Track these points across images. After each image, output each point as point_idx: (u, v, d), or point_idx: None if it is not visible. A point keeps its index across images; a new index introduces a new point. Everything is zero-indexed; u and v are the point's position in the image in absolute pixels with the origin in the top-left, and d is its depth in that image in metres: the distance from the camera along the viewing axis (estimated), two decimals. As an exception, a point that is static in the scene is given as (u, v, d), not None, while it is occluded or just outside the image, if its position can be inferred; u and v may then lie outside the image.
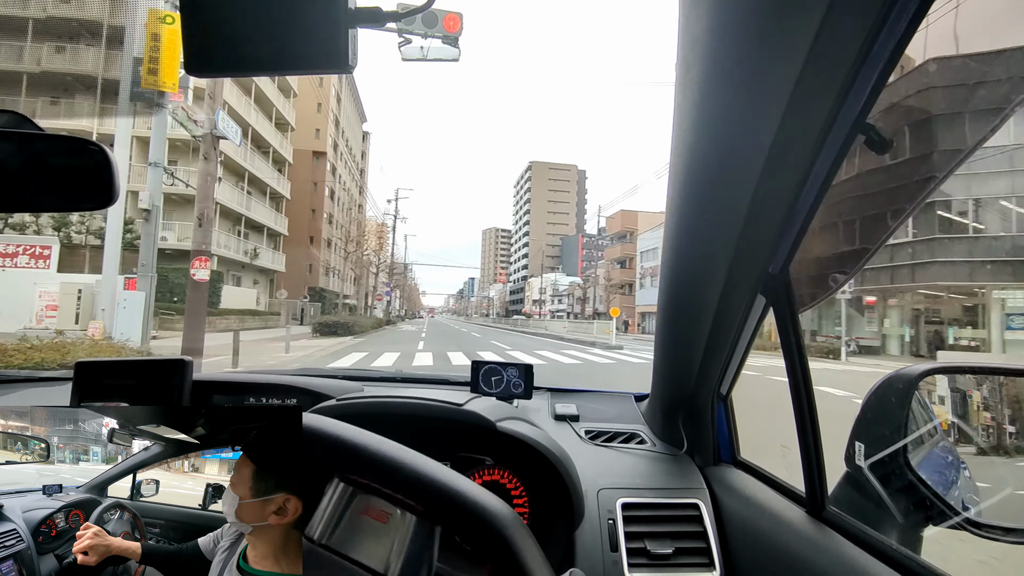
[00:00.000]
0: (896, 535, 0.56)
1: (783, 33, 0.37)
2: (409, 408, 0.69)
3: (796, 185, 0.47)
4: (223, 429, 0.78)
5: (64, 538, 0.70)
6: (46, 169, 0.50)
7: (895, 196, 0.49)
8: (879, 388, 0.62)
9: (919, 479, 0.56)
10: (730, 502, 0.75)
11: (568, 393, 1.28)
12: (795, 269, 0.57)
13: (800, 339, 0.57)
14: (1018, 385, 0.63)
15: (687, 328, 0.73)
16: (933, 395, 0.62)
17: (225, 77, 0.79)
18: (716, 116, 0.48)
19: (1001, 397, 0.61)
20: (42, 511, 0.67)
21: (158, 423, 0.66)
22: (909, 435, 0.58)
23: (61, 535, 0.69)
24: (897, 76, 0.38)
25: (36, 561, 0.63)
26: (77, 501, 0.72)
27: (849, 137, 0.43)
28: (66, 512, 0.70)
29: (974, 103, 0.47)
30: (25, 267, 14.32)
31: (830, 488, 0.60)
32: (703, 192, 0.56)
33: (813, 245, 0.56)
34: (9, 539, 0.59)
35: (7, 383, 1.20)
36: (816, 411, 0.57)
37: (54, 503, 0.69)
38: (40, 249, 14.49)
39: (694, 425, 0.88)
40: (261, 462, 0.72)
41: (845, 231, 0.56)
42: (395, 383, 1.27)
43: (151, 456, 0.81)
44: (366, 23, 0.43)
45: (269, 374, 1.11)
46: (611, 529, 0.73)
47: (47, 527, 0.66)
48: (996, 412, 0.61)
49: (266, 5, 0.41)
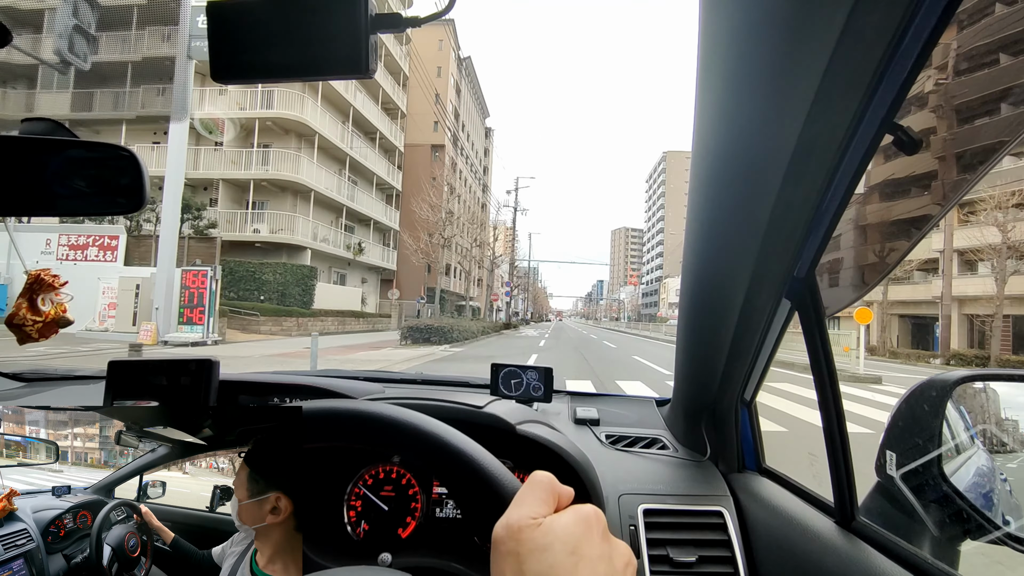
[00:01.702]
0: (931, 548, 0.54)
1: (807, 29, 0.36)
2: (429, 410, 0.70)
3: (822, 187, 0.47)
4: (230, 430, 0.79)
5: (72, 538, 0.71)
6: (80, 174, 0.53)
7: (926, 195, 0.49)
8: (911, 396, 0.61)
9: (955, 491, 0.55)
10: (755, 510, 0.74)
11: (588, 397, 1.28)
12: (821, 272, 0.57)
13: (827, 344, 0.57)
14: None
15: (710, 332, 0.72)
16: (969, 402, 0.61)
17: (250, 83, 0.82)
18: (738, 117, 0.48)
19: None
20: (51, 511, 0.68)
21: (185, 423, 0.68)
22: (943, 444, 0.57)
23: (69, 535, 0.70)
24: (927, 72, 0.38)
25: (45, 560, 0.63)
26: (84, 502, 0.73)
27: (877, 137, 0.43)
28: (74, 513, 0.71)
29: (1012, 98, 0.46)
30: (95, 260, 12.89)
31: (859, 498, 0.58)
32: (726, 194, 0.56)
33: (840, 247, 0.56)
34: (20, 538, 0.60)
35: (45, 380, 1.24)
36: (844, 418, 0.56)
37: (63, 504, 0.71)
38: (108, 239, 13.06)
39: (717, 431, 0.87)
40: (253, 463, 0.73)
41: (874, 233, 0.56)
42: (416, 384, 1.28)
43: (157, 458, 0.82)
44: (386, 29, 0.44)
45: (293, 375, 1.13)
46: (632, 535, 0.72)
47: (56, 527, 0.67)
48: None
49: (291, 14, 0.43)
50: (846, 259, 0.59)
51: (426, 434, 0.42)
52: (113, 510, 0.73)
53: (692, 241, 0.65)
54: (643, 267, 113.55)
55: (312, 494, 0.72)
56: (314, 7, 0.42)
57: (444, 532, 0.76)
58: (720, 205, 0.58)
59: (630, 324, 58.47)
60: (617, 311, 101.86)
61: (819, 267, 0.56)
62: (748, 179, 0.52)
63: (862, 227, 0.55)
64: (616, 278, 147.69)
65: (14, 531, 0.57)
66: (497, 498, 0.37)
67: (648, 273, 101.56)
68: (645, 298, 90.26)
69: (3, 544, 0.55)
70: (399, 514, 0.76)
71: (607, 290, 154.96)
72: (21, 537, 0.58)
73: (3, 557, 0.53)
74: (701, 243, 0.64)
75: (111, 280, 12.09)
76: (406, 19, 0.45)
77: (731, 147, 0.51)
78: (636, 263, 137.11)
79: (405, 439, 0.43)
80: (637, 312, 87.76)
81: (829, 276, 0.59)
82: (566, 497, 0.32)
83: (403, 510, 0.76)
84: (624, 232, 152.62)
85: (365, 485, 0.77)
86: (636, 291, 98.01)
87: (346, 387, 0.98)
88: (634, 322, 64.34)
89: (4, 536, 0.56)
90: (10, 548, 0.55)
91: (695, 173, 0.58)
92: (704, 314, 0.71)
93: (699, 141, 0.55)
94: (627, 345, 17.96)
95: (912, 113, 0.46)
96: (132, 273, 12.30)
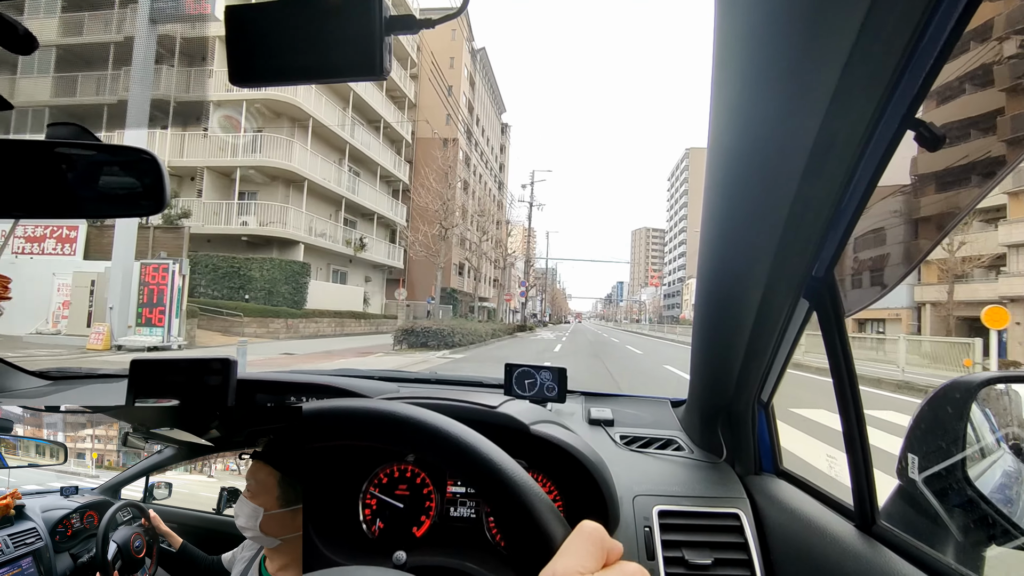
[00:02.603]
0: (954, 554, 0.53)
1: (826, 23, 0.36)
2: (443, 409, 0.70)
3: (841, 185, 0.46)
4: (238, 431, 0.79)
5: (79, 538, 0.71)
6: (103, 177, 0.55)
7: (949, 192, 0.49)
8: (934, 398, 0.61)
9: (980, 495, 0.54)
10: (772, 513, 0.73)
11: (602, 397, 1.28)
12: (841, 271, 0.56)
13: (847, 345, 0.57)
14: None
15: (726, 332, 0.72)
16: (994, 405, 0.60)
17: (267, 86, 0.84)
18: (755, 114, 0.47)
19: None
20: (59, 511, 0.69)
21: (206, 422, 0.68)
22: (968, 447, 0.56)
23: (76, 535, 0.70)
24: (951, 65, 0.38)
25: (53, 559, 0.64)
26: (91, 503, 0.74)
27: (898, 134, 0.42)
28: (81, 513, 0.72)
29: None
30: (53, 253, 11.30)
31: (880, 502, 0.58)
32: (742, 192, 0.56)
33: (860, 246, 0.55)
34: (30, 537, 0.60)
35: (69, 379, 1.27)
36: (864, 420, 0.56)
37: (70, 504, 0.71)
38: (67, 231, 11.44)
39: (734, 432, 0.86)
40: (286, 468, 0.72)
41: (895, 231, 0.55)
42: (430, 384, 1.28)
43: (164, 459, 0.82)
44: (400, 30, 0.45)
45: (309, 374, 1.14)
46: (647, 537, 0.72)
47: (63, 527, 0.67)
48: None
49: (306, 18, 0.44)
50: (866, 258, 0.59)
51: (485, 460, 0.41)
52: (119, 511, 0.73)
53: (708, 240, 0.64)
54: (665, 267, 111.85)
55: (329, 493, 0.72)
56: (329, 10, 0.43)
57: (458, 531, 0.77)
58: (736, 203, 0.58)
59: (652, 326, 57.74)
60: (638, 313, 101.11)
61: (838, 266, 0.56)
62: (765, 177, 0.51)
63: (883, 225, 0.55)
64: (636, 279, 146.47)
65: (23, 530, 0.58)
66: (544, 538, 0.37)
67: (670, 274, 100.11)
68: (667, 299, 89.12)
69: (13, 542, 0.55)
70: (414, 513, 0.76)
71: (627, 291, 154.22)
72: (30, 536, 0.59)
73: (13, 555, 0.54)
74: (717, 242, 0.64)
75: (66, 275, 10.37)
76: (420, 20, 0.46)
77: (748, 144, 0.51)
78: (657, 264, 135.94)
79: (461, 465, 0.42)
80: (659, 314, 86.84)
81: (849, 276, 0.58)
82: (615, 553, 0.32)
83: (418, 509, 0.76)
84: (645, 232, 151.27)
85: (380, 484, 0.78)
86: (657, 292, 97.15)
87: (361, 386, 0.98)
88: (656, 324, 63.29)
89: (14, 535, 0.56)
90: (19, 546, 0.56)
91: (711, 171, 0.58)
92: (720, 314, 0.71)
93: (715, 138, 0.54)
94: (654, 351, 15.91)
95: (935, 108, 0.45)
96: (88, 268, 10.51)
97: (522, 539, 0.37)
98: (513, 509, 0.38)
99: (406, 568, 0.67)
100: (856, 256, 0.58)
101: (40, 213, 0.55)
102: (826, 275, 0.57)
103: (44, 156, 0.51)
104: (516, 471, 0.41)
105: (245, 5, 0.45)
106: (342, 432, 0.44)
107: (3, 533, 0.55)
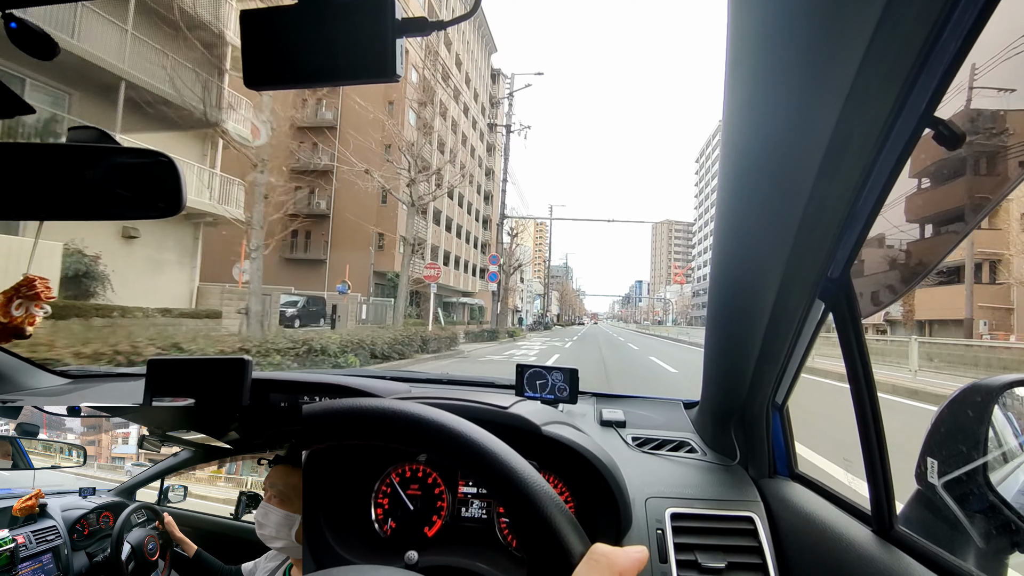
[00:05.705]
0: (975, 560, 0.53)
1: (842, 19, 0.36)
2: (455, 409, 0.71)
3: (857, 184, 0.46)
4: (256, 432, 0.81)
5: (95, 538, 0.74)
6: (123, 180, 0.57)
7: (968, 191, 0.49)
8: (954, 401, 0.61)
9: (1002, 500, 0.54)
10: (787, 517, 0.73)
11: (614, 399, 1.29)
12: (857, 272, 0.56)
13: (863, 346, 0.57)
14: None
15: (740, 333, 0.72)
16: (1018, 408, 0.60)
17: (281, 89, 0.85)
18: (769, 112, 0.48)
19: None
20: (78, 511, 0.72)
21: (221, 422, 0.71)
22: (990, 452, 0.56)
23: (92, 534, 0.73)
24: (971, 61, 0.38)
25: (70, 557, 0.67)
26: (107, 503, 0.76)
27: (916, 132, 0.42)
28: (97, 513, 0.75)
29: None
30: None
31: (898, 507, 0.58)
32: (756, 192, 0.56)
33: (877, 247, 0.55)
34: (50, 534, 0.63)
35: (87, 378, 1.31)
36: (882, 422, 0.56)
37: (88, 504, 0.74)
38: None
39: (747, 435, 0.87)
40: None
41: (913, 231, 0.55)
42: (441, 384, 1.30)
43: (179, 462, 0.85)
44: (412, 33, 0.47)
45: (321, 373, 1.17)
46: (660, 539, 0.73)
47: (80, 526, 0.70)
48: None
49: (320, 22, 0.45)
50: (883, 259, 0.59)
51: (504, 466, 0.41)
52: (134, 512, 0.76)
53: (721, 239, 0.65)
54: (692, 261, 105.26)
55: (341, 492, 0.74)
56: (342, 14, 0.45)
57: (470, 532, 0.78)
58: (751, 203, 0.58)
59: (680, 329, 46.29)
60: (661, 313, 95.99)
61: (854, 267, 0.56)
62: (780, 176, 0.51)
63: (900, 225, 0.55)
64: (658, 277, 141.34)
65: (45, 527, 0.61)
66: (563, 552, 0.37)
67: (699, 268, 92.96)
68: (695, 298, 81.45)
69: (36, 538, 0.58)
70: (425, 513, 0.78)
71: (647, 290, 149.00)
72: (51, 533, 0.62)
73: (35, 550, 0.56)
74: (731, 241, 0.64)
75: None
76: (431, 23, 0.47)
77: (762, 143, 0.51)
78: (681, 260, 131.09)
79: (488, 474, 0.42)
80: (686, 313, 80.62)
81: (865, 276, 0.59)
82: (639, 561, 0.33)
83: (429, 509, 0.78)
84: (667, 226, 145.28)
85: (392, 483, 0.79)
86: (684, 290, 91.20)
87: (373, 386, 1.00)
88: (683, 326, 55.77)
89: (37, 531, 0.59)
90: (41, 543, 0.59)
91: (724, 169, 0.58)
92: (734, 315, 0.71)
93: (728, 136, 0.55)
94: (689, 365, 10.67)
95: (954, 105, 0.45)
96: None
97: (540, 551, 0.38)
98: (532, 519, 0.38)
99: (418, 568, 0.68)
100: (873, 257, 0.58)
101: (62, 215, 0.57)
102: (842, 276, 0.57)
103: (66, 159, 0.53)
104: (535, 479, 0.41)
105: (260, 9, 0.46)
106: (358, 432, 0.45)
107: (27, 529, 0.58)
